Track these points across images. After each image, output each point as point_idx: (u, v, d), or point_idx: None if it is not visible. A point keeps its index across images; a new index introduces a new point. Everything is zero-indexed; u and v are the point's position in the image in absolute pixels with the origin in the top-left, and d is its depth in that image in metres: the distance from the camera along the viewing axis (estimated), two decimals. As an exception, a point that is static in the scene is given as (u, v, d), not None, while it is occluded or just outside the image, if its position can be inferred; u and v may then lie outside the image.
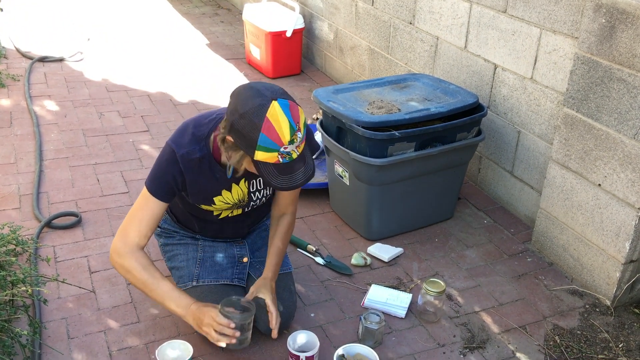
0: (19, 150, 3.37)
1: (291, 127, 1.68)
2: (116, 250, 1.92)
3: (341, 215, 2.91)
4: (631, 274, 2.32)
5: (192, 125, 1.92)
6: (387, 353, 2.13)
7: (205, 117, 1.95)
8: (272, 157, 1.70)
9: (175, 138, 1.91)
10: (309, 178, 1.79)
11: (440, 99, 2.73)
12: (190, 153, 1.88)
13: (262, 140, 1.67)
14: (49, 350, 2.06)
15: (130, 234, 1.92)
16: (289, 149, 1.70)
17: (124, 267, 1.90)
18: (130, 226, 1.93)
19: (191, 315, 1.88)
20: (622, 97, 2.14)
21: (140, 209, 1.93)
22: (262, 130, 1.66)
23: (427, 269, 2.58)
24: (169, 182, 1.90)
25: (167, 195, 1.92)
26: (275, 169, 1.73)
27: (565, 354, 2.15)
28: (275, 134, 1.67)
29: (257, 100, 1.67)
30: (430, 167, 2.66)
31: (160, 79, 4.52)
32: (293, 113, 1.69)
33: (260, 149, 1.68)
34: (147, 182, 1.93)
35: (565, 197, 2.50)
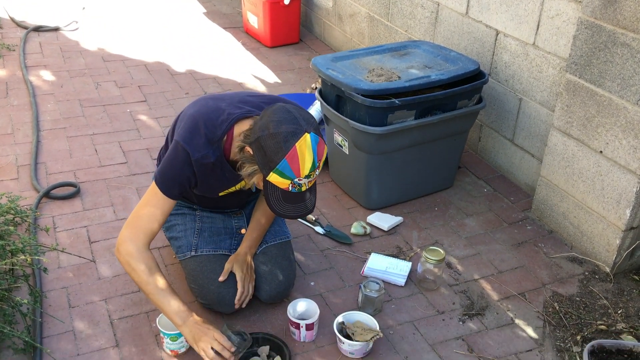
0: (15, 120, 3.34)
1: (313, 163, 1.70)
2: (124, 245, 1.87)
3: (341, 185, 2.89)
4: (631, 240, 2.32)
5: (203, 125, 1.85)
6: (386, 320, 2.14)
7: (217, 115, 1.87)
8: (284, 183, 1.71)
9: (188, 139, 1.84)
10: (307, 214, 1.81)
11: (441, 66, 2.69)
12: (205, 157, 1.84)
13: (282, 166, 1.67)
14: (50, 319, 2.07)
15: (140, 231, 1.87)
16: (302, 181, 1.71)
17: (130, 265, 1.85)
18: (140, 222, 1.89)
19: (190, 328, 1.82)
20: (625, 62, 2.11)
21: (151, 206, 1.89)
22: (287, 157, 1.66)
23: (426, 237, 2.58)
24: (183, 183, 1.88)
25: (178, 194, 1.90)
26: (282, 194, 1.75)
27: (564, 320, 2.16)
28: (297, 165, 1.67)
29: (291, 126, 1.67)
30: (431, 135, 2.63)
31: (157, 48, 4.47)
32: (319, 150, 1.71)
33: (276, 172, 1.69)
34: (159, 182, 1.87)
35: (566, 164, 2.48)
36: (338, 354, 1.99)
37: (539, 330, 2.13)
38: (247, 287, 2.07)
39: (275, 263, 2.14)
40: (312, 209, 1.82)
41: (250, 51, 4.53)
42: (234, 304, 2.05)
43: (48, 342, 1.99)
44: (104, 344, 1.99)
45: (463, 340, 2.07)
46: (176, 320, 1.83)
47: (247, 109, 1.88)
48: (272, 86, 3.96)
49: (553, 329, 2.13)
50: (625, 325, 2.13)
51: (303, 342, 2.03)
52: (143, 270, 1.84)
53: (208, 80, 3.97)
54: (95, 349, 1.97)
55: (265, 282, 2.11)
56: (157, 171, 1.90)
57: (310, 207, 1.81)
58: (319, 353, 2.00)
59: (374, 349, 2.01)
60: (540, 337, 2.10)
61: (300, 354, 1.99)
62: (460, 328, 2.12)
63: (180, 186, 1.89)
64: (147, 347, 1.99)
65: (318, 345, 2.03)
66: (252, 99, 1.94)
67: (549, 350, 2.04)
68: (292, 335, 2.04)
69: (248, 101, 1.92)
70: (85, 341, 2.00)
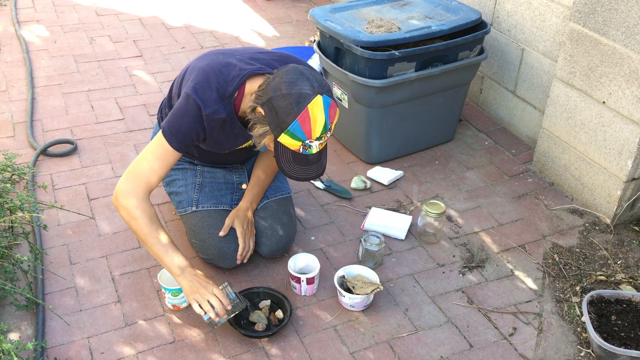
0: (9, 77, 3.29)
1: (325, 125, 1.68)
2: (124, 193, 1.82)
3: (340, 139, 2.87)
4: (632, 191, 2.31)
5: (215, 80, 1.80)
6: (387, 274, 2.15)
7: (228, 70, 1.82)
8: (295, 145, 1.69)
9: (200, 92, 1.80)
10: (318, 175, 1.80)
11: (442, 16, 2.63)
12: (216, 113, 1.80)
13: (293, 127, 1.65)
14: (51, 276, 2.08)
15: (141, 181, 1.83)
16: (313, 143, 1.69)
17: (129, 213, 1.81)
18: (142, 173, 1.84)
19: (188, 279, 1.81)
20: (630, 9, 2.05)
21: (155, 157, 1.84)
22: (298, 118, 1.64)
23: (427, 191, 2.57)
24: (192, 136, 1.84)
25: (185, 147, 1.86)
26: (292, 156, 1.73)
27: (564, 271, 2.17)
28: (309, 127, 1.66)
29: (304, 87, 1.66)
30: (431, 87, 2.59)
31: (151, 1, 4.37)
32: (331, 113, 1.69)
33: (287, 134, 1.67)
34: (167, 134, 1.82)
35: (568, 115, 2.45)
36: (339, 308, 2.01)
37: (539, 281, 2.14)
38: (247, 242, 2.07)
39: (275, 218, 2.13)
40: (323, 171, 1.80)
41: (246, 3, 4.43)
42: (236, 258, 2.05)
43: (50, 298, 2.00)
44: (106, 300, 2.01)
45: (463, 292, 2.09)
46: (175, 271, 1.82)
47: (258, 66, 1.84)
48: (269, 39, 3.88)
49: (552, 280, 2.14)
50: (624, 276, 2.14)
51: (304, 296, 2.04)
52: (144, 221, 1.81)
53: (204, 34, 3.90)
54: (97, 305, 1.99)
55: (266, 237, 2.11)
56: (166, 122, 1.84)
57: (321, 170, 1.79)
58: (319, 306, 2.01)
59: (375, 301, 2.03)
60: (539, 288, 2.11)
61: (301, 308, 2.00)
62: (460, 280, 2.13)
63: (189, 139, 1.85)
64: (148, 302, 2.00)
65: (319, 298, 2.04)
66: (263, 56, 1.89)
67: (548, 301, 2.06)
68: (292, 289, 2.06)
69: (259, 58, 1.87)
70: (87, 297, 2.02)
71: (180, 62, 3.53)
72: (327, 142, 1.78)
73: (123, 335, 1.89)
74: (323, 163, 1.80)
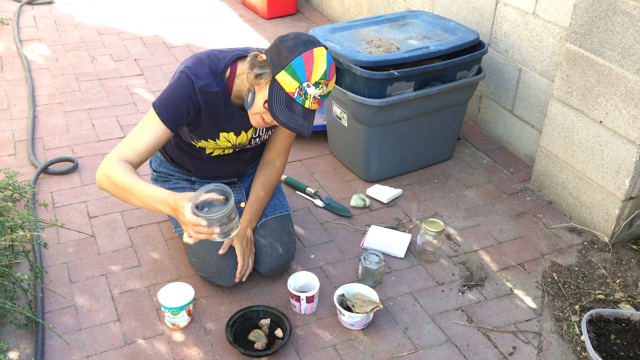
0: (11, 95, 3.32)
1: (325, 73, 1.73)
2: (104, 161, 1.78)
3: (340, 157, 2.89)
4: (630, 210, 2.33)
5: (207, 59, 1.88)
6: (386, 292, 2.15)
7: (220, 52, 1.92)
8: (292, 86, 1.72)
9: (193, 68, 1.85)
10: (305, 133, 1.79)
11: (440, 36, 2.66)
12: (209, 86, 1.85)
13: (295, 64, 1.70)
14: (51, 294, 2.08)
15: (125, 149, 1.80)
16: (310, 90, 1.73)
17: (106, 175, 1.75)
18: (127, 143, 1.82)
19: (171, 210, 1.69)
20: (626, 31, 2.08)
21: (143, 129, 1.83)
22: (303, 55, 1.70)
23: (426, 209, 2.58)
24: (182, 111, 1.85)
25: (175, 123, 1.85)
26: (285, 99, 1.75)
27: (563, 290, 2.18)
28: (310, 67, 1.71)
29: (312, 38, 1.76)
30: (430, 106, 2.62)
31: (152, 20, 4.41)
32: (331, 68, 1.76)
33: (288, 71, 1.71)
34: (158, 107, 1.83)
35: (565, 135, 2.47)
36: (338, 326, 2.01)
37: (538, 300, 2.14)
38: (247, 261, 2.08)
39: (275, 236, 2.14)
40: (309, 132, 1.79)
41: (247, 23, 4.48)
42: (235, 277, 2.06)
43: (50, 317, 2.00)
44: (106, 319, 2.01)
45: (462, 310, 2.09)
46: (159, 207, 1.71)
47: (250, 49, 1.94)
48: (269, 58, 3.92)
49: (552, 298, 2.15)
50: (623, 295, 2.15)
51: (303, 315, 2.05)
52: (118, 173, 1.73)
53: (205, 53, 3.93)
54: (96, 324, 1.99)
55: (265, 256, 2.12)
56: (158, 97, 1.87)
57: (306, 129, 1.78)
58: (319, 325, 2.01)
59: (374, 320, 2.03)
60: (539, 307, 2.11)
61: (301, 326, 2.00)
62: (460, 299, 2.14)
63: (178, 114, 1.84)
64: (148, 321, 2.00)
65: (318, 317, 2.04)
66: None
67: (547, 320, 2.06)
68: (292, 308, 2.06)
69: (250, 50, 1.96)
70: (87, 316, 2.01)
71: (180, 80, 3.56)
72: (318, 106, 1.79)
73: (122, 355, 1.89)
74: (310, 124, 1.81)
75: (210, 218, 1.60)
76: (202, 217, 1.60)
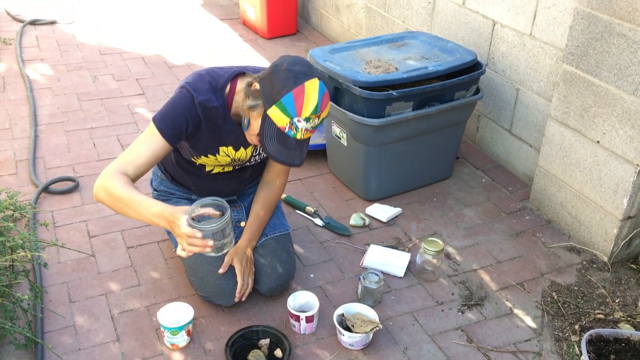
0: (13, 115, 3.34)
1: (316, 107, 1.73)
2: (103, 174, 1.79)
3: (339, 177, 2.90)
4: (629, 230, 2.33)
5: (207, 75, 1.91)
6: (386, 312, 2.15)
7: (220, 69, 1.95)
8: (283, 121, 1.73)
9: (193, 84, 1.88)
10: (296, 165, 1.80)
11: (438, 57, 2.69)
12: (209, 100, 1.87)
13: (286, 100, 1.70)
14: (51, 314, 2.08)
15: (123, 163, 1.81)
16: (300, 124, 1.73)
17: (104, 187, 1.76)
18: (126, 156, 1.83)
19: (167, 223, 1.70)
20: (622, 52, 2.11)
21: (142, 143, 1.85)
22: (294, 91, 1.70)
23: (425, 228, 2.59)
24: (182, 125, 1.86)
25: (174, 137, 1.86)
26: (276, 133, 1.75)
27: (562, 309, 2.18)
28: (301, 102, 1.70)
29: (305, 69, 1.74)
30: (429, 126, 2.64)
31: (154, 40, 4.46)
32: (324, 100, 1.75)
33: (279, 106, 1.71)
34: (157, 121, 1.85)
35: (563, 154, 2.49)
36: (338, 346, 2.01)
37: (538, 319, 2.14)
38: (246, 280, 2.08)
39: (274, 256, 2.14)
40: (301, 162, 1.81)
41: (247, 42, 4.52)
42: (234, 296, 2.06)
43: (49, 337, 2.00)
44: (105, 339, 2.01)
45: (462, 330, 2.09)
46: (155, 220, 1.73)
47: (249, 67, 1.97)
48: (269, 78, 3.95)
49: (551, 318, 2.15)
50: (622, 314, 2.15)
51: (303, 335, 2.04)
52: (116, 185, 1.74)
53: (205, 73, 3.96)
54: (96, 344, 1.99)
55: (265, 275, 2.12)
56: (157, 112, 1.89)
57: (299, 160, 1.80)
58: (319, 345, 2.01)
59: (374, 340, 2.03)
60: (538, 327, 2.11)
61: (301, 346, 2.00)
62: (460, 318, 2.13)
63: (177, 128, 1.85)
64: (147, 341, 2.00)
65: (318, 337, 2.04)
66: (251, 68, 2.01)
67: (547, 340, 2.06)
68: (292, 328, 2.06)
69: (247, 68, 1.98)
70: (86, 336, 2.01)
71: (181, 100, 3.58)
72: (311, 135, 1.80)
73: (122, 375, 1.88)
74: (303, 154, 1.81)
75: (205, 230, 1.60)
76: (197, 229, 1.60)
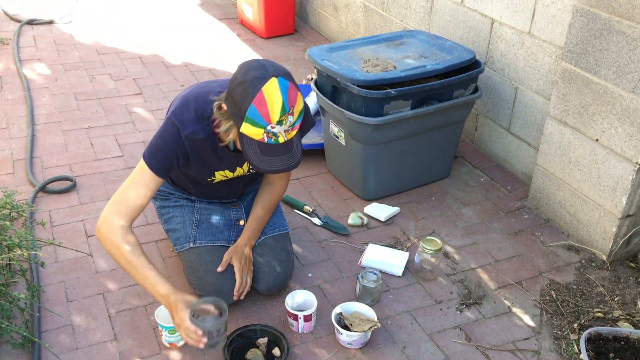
0: (10, 115, 3.33)
1: (283, 107, 1.64)
2: (106, 222, 1.83)
3: (337, 176, 2.89)
4: (627, 228, 2.33)
5: (193, 102, 1.86)
6: (384, 310, 2.14)
7: (207, 93, 1.87)
8: (258, 133, 1.67)
9: (178, 115, 1.84)
10: (292, 167, 1.75)
11: (437, 55, 2.69)
12: (195, 133, 1.83)
13: (250, 112, 1.64)
14: (48, 313, 2.07)
15: (123, 208, 1.84)
16: (276, 129, 1.66)
17: (112, 242, 1.81)
18: (124, 199, 1.86)
19: (167, 306, 1.80)
20: (621, 49, 2.11)
21: (136, 182, 1.87)
22: (254, 102, 1.63)
23: (423, 227, 2.59)
24: (171, 159, 1.86)
25: (165, 171, 1.88)
26: (258, 147, 1.71)
27: (561, 308, 2.17)
28: (265, 109, 1.63)
29: (258, 72, 1.65)
30: (427, 125, 2.63)
31: (151, 40, 4.45)
32: (290, 95, 1.66)
33: (247, 121, 1.65)
34: (147, 157, 1.86)
35: (562, 153, 2.48)
36: (336, 345, 2.00)
37: (536, 318, 2.13)
38: (245, 279, 2.07)
39: (273, 255, 2.14)
40: (297, 163, 1.76)
41: (245, 42, 4.51)
42: (232, 295, 2.05)
43: (46, 336, 1.99)
44: (102, 338, 2.00)
45: (461, 329, 2.08)
46: (159, 299, 1.81)
47: None
48: (267, 77, 3.94)
49: (550, 317, 2.14)
50: (621, 313, 2.14)
51: (301, 333, 2.04)
52: (124, 247, 1.79)
53: (203, 72, 3.96)
54: (93, 343, 1.98)
55: (263, 274, 2.11)
56: (147, 147, 1.88)
57: (294, 161, 1.74)
58: (317, 344, 2.00)
59: (372, 339, 2.02)
60: (537, 326, 2.10)
61: (299, 345, 1.99)
62: (458, 317, 2.13)
63: (168, 163, 1.86)
64: (145, 340, 1.99)
65: (316, 336, 2.04)
66: None
67: (546, 339, 2.05)
68: (290, 327, 2.05)
69: None
70: (84, 335, 2.00)
71: (179, 99, 3.58)
72: (296, 130, 1.73)
73: (119, 374, 1.88)
74: (296, 154, 1.75)
75: (204, 328, 1.70)
76: (199, 327, 1.70)
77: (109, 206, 1.86)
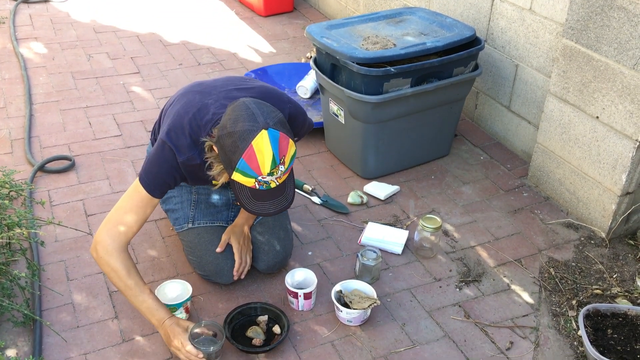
0: (7, 94, 3.31)
1: (274, 160, 1.62)
2: (103, 244, 1.81)
3: (337, 155, 2.89)
4: (627, 205, 2.33)
5: (188, 125, 1.80)
6: (384, 288, 2.15)
7: (202, 115, 1.80)
8: (249, 182, 1.66)
9: (174, 139, 1.80)
10: (283, 209, 1.74)
11: (437, 33, 2.66)
12: (191, 159, 1.81)
13: (241, 165, 1.62)
14: (49, 292, 2.08)
15: (119, 230, 1.82)
16: (267, 179, 1.64)
17: (109, 265, 1.81)
18: (120, 222, 1.83)
19: (163, 331, 1.82)
20: (622, 26, 2.09)
21: (134, 205, 1.84)
22: (244, 156, 1.60)
23: (423, 206, 2.59)
24: (168, 182, 1.85)
25: (162, 192, 1.86)
26: (250, 193, 1.69)
27: (560, 285, 2.18)
28: (256, 163, 1.61)
29: (247, 123, 1.61)
30: (427, 103, 2.62)
31: (149, 18, 4.41)
32: (281, 146, 1.63)
33: (238, 172, 1.64)
34: (144, 181, 1.82)
35: (562, 130, 2.48)
36: (336, 322, 2.01)
37: (535, 295, 2.15)
38: (244, 258, 2.08)
39: (272, 233, 2.14)
40: (289, 204, 1.74)
41: (244, 20, 4.47)
42: (233, 274, 2.06)
43: (47, 314, 2.00)
44: (103, 316, 2.01)
45: (460, 306, 2.09)
46: (153, 323, 1.84)
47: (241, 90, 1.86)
48: (266, 56, 3.92)
49: (549, 294, 2.15)
50: (620, 290, 2.15)
51: (301, 311, 2.05)
52: (122, 271, 1.80)
53: (202, 51, 3.93)
54: (94, 321, 1.99)
55: (263, 253, 2.12)
56: (142, 170, 1.84)
57: (285, 203, 1.73)
58: (317, 321, 2.01)
59: (372, 316, 2.03)
60: (536, 302, 2.12)
61: (299, 323, 2.01)
62: (457, 295, 2.14)
63: (165, 186, 1.85)
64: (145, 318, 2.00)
65: (316, 313, 2.05)
66: (240, 94, 1.85)
67: (544, 315, 2.07)
68: (290, 305, 2.06)
69: (235, 97, 1.83)
70: (85, 313, 2.01)
71: (177, 78, 3.56)
72: (289, 173, 1.72)
73: (120, 352, 1.89)
74: (289, 195, 1.74)
75: (205, 352, 1.77)
76: (200, 350, 1.77)
77: (104, 226, 1.84)
